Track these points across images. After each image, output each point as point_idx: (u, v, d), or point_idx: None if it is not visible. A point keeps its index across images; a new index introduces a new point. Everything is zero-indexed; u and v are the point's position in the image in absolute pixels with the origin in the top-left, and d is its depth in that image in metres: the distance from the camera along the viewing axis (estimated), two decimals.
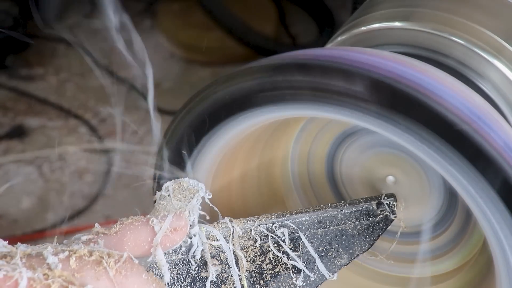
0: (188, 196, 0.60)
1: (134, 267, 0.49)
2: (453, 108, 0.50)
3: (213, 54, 1.92)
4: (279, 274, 0.61)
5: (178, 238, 0.55)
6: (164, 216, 0.54)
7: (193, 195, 0.60)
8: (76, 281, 0.46)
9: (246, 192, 0.72)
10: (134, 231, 0.52)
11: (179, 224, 0.55)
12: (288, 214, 0.62)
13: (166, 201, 0.59)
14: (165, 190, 0.60)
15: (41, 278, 0.45)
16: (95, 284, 0.46)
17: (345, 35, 0.73)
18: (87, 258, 0.47)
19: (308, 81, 0.54)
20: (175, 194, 0.60)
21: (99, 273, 0.47)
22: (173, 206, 0.58)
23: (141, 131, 1.66)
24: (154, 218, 0.53)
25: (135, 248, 0.52)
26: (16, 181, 1.57)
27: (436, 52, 0.67)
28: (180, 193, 0.60)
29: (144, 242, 0.52)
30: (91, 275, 0.47)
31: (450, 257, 0.70)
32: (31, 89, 1.86)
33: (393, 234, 0.68)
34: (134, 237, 0.52)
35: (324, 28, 1.95)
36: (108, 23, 0.55)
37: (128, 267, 0.48)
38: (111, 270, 0.47)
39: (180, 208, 0.58)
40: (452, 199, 0.67)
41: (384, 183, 0.68)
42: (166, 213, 0.56)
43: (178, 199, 0.59)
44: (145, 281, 0.49)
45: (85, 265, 0.47)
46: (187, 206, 0.58)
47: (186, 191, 0.60)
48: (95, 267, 0.47)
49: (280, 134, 0.69)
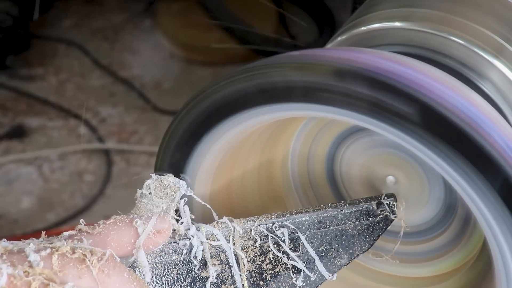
0: (170, 194, 0.60)
1: (117, 265, 0.49)
2: (452, 108, 0.50)
3: (213, 54, 1.92)
4: (279, 274, 0.61)
5: (161, 241, 0.55)
6: (148, 218, 0.54)
7: (174, 192, 0.60)
8: (58, 279, 0.45)
9: (246, 192, 0.72)
10: (117, 232, 0.52)
11: (162, 226, 0.55)
12: (288, 214, 0.62)
13: (147, 199, 0.59)
14: (146, 188, 0.60)
15: (21, 275, 0.45)
16: (77, 282, 0.46)
17: (345, 35, 0.73)
18: (69, 256, 0.47)
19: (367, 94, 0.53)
20: (156, 191, 0.59)
21: (82, 271, 0.47)
22: (155, 204, 0.58)
23: (141, 131, 1.66)
24: (138, 219, 0.53)
25: (118, 248, 0.52)
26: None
27: (436, 52, 0.67)
28: (162, 190, 0.60)
29: (127, 243, 0.53)
30: (73, 273, 0.46)
31: (450, 257, 0.70)
32: (31, 89, 1.87)
33: (393, 234, 0.68)
34: (117, 237, 0.52)
35: (324, 28, 1.95)
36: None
37: (111, 266, 0.48)
38: (94, 269, 0.47)
39: (162, 206, 0.58)
40: (452, 198, 0.67)
41: (384, 183, 0.68)
42: (150, 214, 0.56)
43: (160, 196, 0.59)
44: (126, 280, 0.49)
45: (68, 262, 0.47)
46: (169, 204, 0.58)
47: (167, 188, 0.60)
48: (78, 265, 0.47)
49: (280, 134, 0.69)
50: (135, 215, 0.55)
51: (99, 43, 1.99)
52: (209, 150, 0.61)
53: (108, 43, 1.99)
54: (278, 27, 1.98)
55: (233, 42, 1.87)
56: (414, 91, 0.51)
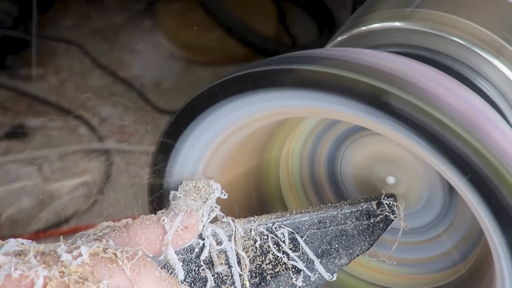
0: (204, 196, 0.60)
1: (148, 264, 0.49)
2: (451, 110, 0.51)
3: (213, 54, 1.92)
4: (279, 274, 0.61)
5: (189, 236, 0.55)
6: (175, 215, 0.55)
7: (208, 195, 0.60)
8: (92, 277, 0.46)
9: (247, 192, 0.72)
10: (145, 230, 0.53)
11: (190, 222, 0.55)
12: (288, 214, 0.62)
13: (180, 201, 0.59)
14: (180, 190, 0.60)
15: (56, 275, 0.45)
16: (109, 280, 0.47)
17: (345, 35, 0.73)
18: (101, 255, 0.48)
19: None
20: (190, 193, 0.60)
21: (113, 270, 0.47)
22: (188, 206, 0.58)
23: (141, 131, 1.66)
24: (165, 217, 0.54)
25: (147, 247, 0.52)
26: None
27: (436, 52, 0.67)
28: (196, 192, 0.60)
29: (156, 240, 0.53)
30: (105, 272, 0.47)
31: (450, 257, 0.70)
32: (31, 89, 1.86)
33: (394, 234, 0.68)
34: (146, 236, 0.52)
35: (324, 28, 1.95)
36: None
37: (141, 264, 0.49)
38: (126, 268, 0.47)
39: (194, 207, 0.58)
40: (452, 199, 0.67)
41: (384, 183, 0.68)
42: (178, 211, 0.56)
43: (193, 198, 0.59)
44: (158, 278, 0.49)
45: (99, 262, 0.47)
46: (202, 206, 0.59)
47: (202, 191, 0.60)
48: (109, 264, 0.47)
49: (280, 134, 0.69)
50: (162, 214, 0.56)
51: (99, 43, 1.99)
52: (209, 148, 0.62)
53: (108, 43, 1.99)
54: (278, 27, 1.98)
55: (233, 42, 1.87)
56: (412, 91, 0.51)
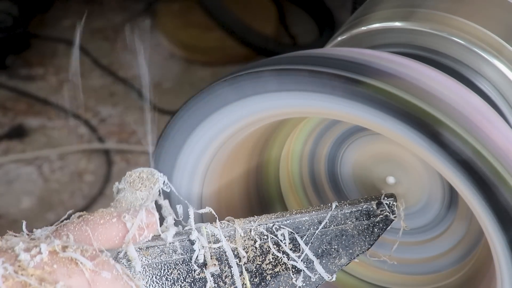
0: (148, 186, 0.59)
1: (106, 263, 0.49)
2: (450, 110, 0.51)
3: (213, 54, 1.92)
4: (279, 274, 0.61)
5: (148, 234, 0.55)
6: (135, 212, 0.54)
7: (153, 184, 0.60)
8: (50, 279, 0.45)
9: (247, 192, 0.72)
10: (105, 226, 0.52)
11: (150, 220, 0.55)
12: (288, 214, 0.62)
13: (127, 192, 0.59)
14: (124, 182, 0.60)
15: (13, 275, 0.44)
16: (67, 281, 0.46)
17: (345, 35, 0.73)
18: (61, 254, 0.47)
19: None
20: (135, 184, 0.59)
21: (72, 270, 0.46)
22: (136, 197, 0.58)
23: (141, 131, 1.66)
24: (126, 214, 0.53)
25: (106, 243, 0.52)
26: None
27: (436, 52, 0.67)
28: (141, 183, 0.60)
29: (116, 237, 0.52)
30: (64, 272, 0.46)
31: (450, 257, 0.70)
32: (31, 89, 1.87)
33: (394, 234, 0.68)
34: (106, 232, 0.52)
35: (324, 28, 1.95)
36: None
37: (101, 263, 0.48)
38: (86, 269, 0.47)
39: (141, 198, 0.58)
40: (453, 199, 0.67)
41: (384, 183, 0.68)
42: (137, 207, 0.56)
43: (138, 188, 0.59)
44: (116, 277, 0.49)
45: (58, 261, 0.46)
46: (148, 195, 0.58)
47: (146, 181, 0.60)
48: (68, 264, 0.47)
49: (280, 134, 0.69)
50: (120, 209, 0.55)
51: (99, 43, 1.99)
52: (208, 148, 0.62)
53: (108, 43, 1.99)
54: (278, 27, 1.98)
55: (233, 42, 1.87)
56: (412, 92, 0.51)
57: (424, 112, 0.51)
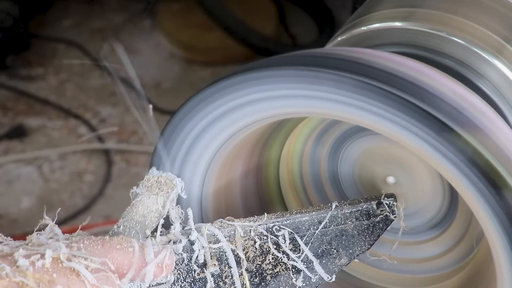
0: (166, 191, 0.59)
1: (109, 280, 0.47)
2: (450, 109, 0.51)
3: (213, 54, 1.92)
4: (279, 274, 0.61)
5: (166, 275, 0.54)
6: (159, 251, 0.53)
7: (171, 190, 0.59)
8: (47, 285, 0.44)
9: (246, 192, 0.72)
10: (119, 253, 0.50)
11: (169, 262, 0.53)
12: (288, 214, 0.62)
13: (144, 197, 0.59)
14: (142, 186, 0.60)
15: (10, 275, 0.43)
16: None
17: (345, 35, 0.73)
18: (64, 263, 0.46)
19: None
20: (153, 189, 0.59)
21: (72, 281, 0.45)
22: (153, 202, 0.58)
23: (141, 131, 1.66)
24: (149, 248, 0.52)
25: (115, 269, 0.50)
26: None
27: (436, 52, 0.67)
28: (158, 187, 0.60)
29: (126, 266, 0.50)
30: (63, 282, 0.45)
31: (450, 257, 0.70)
32: (31, 89, 1.87)
33: (394, 234, 0.68)
34: (118, 258, 0.50)
35: (324, 28, 1.95)
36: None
37: (103, 279, 0.47)
38: (87, 282, 0.46)
39: (158, 202, 0.58)
40: (453, 199, 0.67)
41: (384, 183, 0.68)
42: (157, 220, 0.55)
43: (156, 193, 0.59)
44: None
45: (59, 270, 0.45)
46: (165, 201, 0.58)
47: (164, 186, 0.60)
48: (69, 274, 0.45)
49: (280, 134, 0.69)
50: (144, 242, 0.53)
51: (99, 43, 1.99)
52: (208, 148, 0.62)
53: (108, 43, 1.99)
54: (278, 27, 1.98)
55: (233, 42, 1.87)
56: (411, 91, 0.51)
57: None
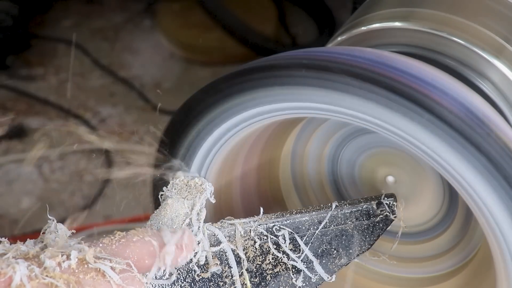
0: (194, 194, 0.59)
1: (135, 280, 0.48)
2: (451, 108, 0.51)
3: (213, 54, 1.92)
4: (279, 274, 0.61)
5: (187, 255, 0.53)
6: (174, 232, 0.53)
7: (200, 193, 0.59)
8: (75, 286, 0.44)
9: (246, 192, 0.72)
10: (137, 245, 0.50)
11: (190, 241, 0.53)
12: (288, 214, 0.62)
13: (173, 200, 0.59)
14: (172, 188, 0.60)
15: (39, 276, 0.44)
16: None
17: (345, 35, 0.73)
18: (90, 264, 0.46)
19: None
20: (182, 192, 0.59)
21: (98, 281, 0.46)
22: (181, 205, 0.58)
23: (141, 131, 1.66)
24: (166, 231, 0.52)
25: (136, 262, 0.50)
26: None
27: (436, 52, 0.67)
28: (188, 191, 0.60)
29: (146, 255, 0.50)
30: (90, 283, 0.45)
31: (450, 257, 0.70)
32: (31, 89, 1.87)
33: (394, 234, 0.68)
34: (137, 250, 0.50)
35: (324, 28, 1.95)
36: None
37: (129, 279, 0.47)
38: (113, 283, 0.46)
39: (187, 206, 0.58)
40: (453, 199, 0.67)
41: (384, 183, 0.68)
42: (175, 218, 0.54)
43: (185, 197, 0.59)
44: None
45: (85, 271, 0.46)
46: (194, 205, 0.58)
47: (194, 189, 0.60)
48: (95, 275, 0.46)
49: (280, 134, 0.69)
50: (161, 227, 0.53)
51: (99, 43, 1.99)
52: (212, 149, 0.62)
53: (108, 43, 1.99)
54: (278, 27, 1.98)
55: (233, 42, 1.87)
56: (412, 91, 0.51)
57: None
